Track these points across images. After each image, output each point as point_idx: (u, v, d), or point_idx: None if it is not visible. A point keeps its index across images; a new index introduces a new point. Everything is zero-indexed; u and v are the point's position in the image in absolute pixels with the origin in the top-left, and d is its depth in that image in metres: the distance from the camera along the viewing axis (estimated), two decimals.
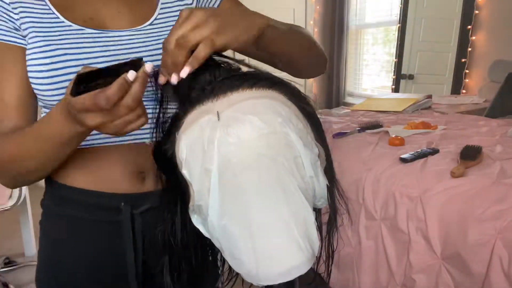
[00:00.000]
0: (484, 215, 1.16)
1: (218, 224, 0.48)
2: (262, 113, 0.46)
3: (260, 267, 0.46)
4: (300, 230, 0.47)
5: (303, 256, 0.47)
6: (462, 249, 1.16)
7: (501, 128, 1.98)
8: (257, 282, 0.48)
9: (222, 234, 0.48)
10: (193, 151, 0.47)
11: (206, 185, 0.47)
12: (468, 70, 3.21)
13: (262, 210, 0.46)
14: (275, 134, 0.46)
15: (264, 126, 0.45)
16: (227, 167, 0.45)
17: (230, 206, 0.47)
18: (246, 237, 0.46)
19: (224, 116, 0.46)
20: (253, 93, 0.49)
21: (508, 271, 1.07)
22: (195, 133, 0.47)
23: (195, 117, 0.48)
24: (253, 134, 0.45)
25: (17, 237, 2.54)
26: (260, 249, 0.46)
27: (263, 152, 0.45)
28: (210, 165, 0.46)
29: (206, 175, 0.47)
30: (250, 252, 0.47)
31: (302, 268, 0.47)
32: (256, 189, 0.46)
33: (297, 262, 0.46)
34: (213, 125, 0.46)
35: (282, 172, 0.46)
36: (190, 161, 0.48)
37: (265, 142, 0.45)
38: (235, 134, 0.45)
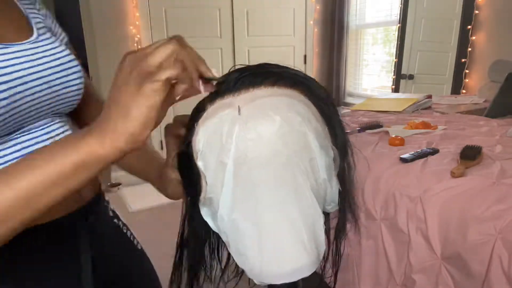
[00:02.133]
0: (484, 215, 1.16)
1: (228, 218, 0.48)
2: (282, 111, 0.46)
3: (264, 265, 0.47)
4: (308, 232, 0.47)
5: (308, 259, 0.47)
6: (462, 249, 1.16)
7: (501, 128, 1.98)
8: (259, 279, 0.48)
9: (230, 228, 0.48)
10: (210, 143, 0.48)
11: (220, 178, 0.47)
12: (468, 70, 3.21)
13: (272, 208, 0.46)
14: (294, 133, 0.46)
15: (284, 124, 0.46)
16: (243, 162, 0.46)
17: (241, 201, 0.47)
18: (254, 234, 0.46)
19: (245, 111, 0.46)
20: (275, 90, 0.49)
21: (508, 271, 1.07)
22: (214, 126, 0.47)
23: (216, 110, 0.48)
24: (272, 131, 0.45)
25: None
26: (266, 247, 0.46)
27: (280, 150, 0.46)
28: (226, 158, 0.46)
29: (221, 168, 0.47)
30: (256, 249, 0.47)
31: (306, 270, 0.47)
32: (269, 186, 0.46)
33: (301, 264, 0.46)
34: (233, 119, 0.46)
35: (297, 172, 0.46)
36: (206, 152, 0.48)
37: (283, 140, 0.46)
38: (254, 130, 0.45)
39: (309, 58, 4.25)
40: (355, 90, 4.41)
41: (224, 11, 3.67)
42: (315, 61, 4.34)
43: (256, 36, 3.80)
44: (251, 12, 3.75)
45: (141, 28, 3.39)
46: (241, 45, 3.77)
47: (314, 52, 4.29)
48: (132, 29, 3.39)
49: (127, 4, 3.35)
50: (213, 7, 3.62)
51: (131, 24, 3.39)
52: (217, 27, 3.67)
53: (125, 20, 3.38)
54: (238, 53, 3.75)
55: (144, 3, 3.37)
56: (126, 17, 3.37)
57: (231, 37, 3.73)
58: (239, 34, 3.75)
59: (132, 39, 3.40)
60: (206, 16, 3.62)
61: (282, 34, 3.94)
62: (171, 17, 3.48)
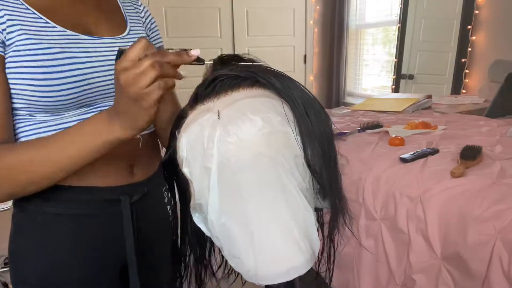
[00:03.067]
0: (484, 215, 1.16)
1: (218, 222, 0.48)
2: (262, 112, 0.46)
3: (259, 267, 0.47)
4: (299, 230, 0.47)
5: (303, 257, 0.47)
6: (462, 249, 1.16)
7: (501, 128, 1.98)
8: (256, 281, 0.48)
9: (221, 232, 0.48)
10: (193, 150, 0.48)
11: (205, 183, 0.47)
12: (468, 70, 3.21)
13: (260, 209, 0.46)
14: (275, 133, 0.46)
15: (264, 125, 0.45)
16: (226, 166, 0.46)
17: (229, 204, 0.47)
18: (245, 236, 0.46)
19: (224, 115, 0.46)
20: (253, 92, 0.49)
21: (508, 271, 1.07)
22: (196, 132, 0.47)
23: (196, 116, 0.49)
24: (253, 133, 0.45)
25: None
26: (259, 249, 0.46)
27: (262, 152, 0.45)
28: (210, 163, 0.46)
29: (206, 174, 0.47)
30: (249, 252, 0.47)
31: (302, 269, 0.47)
32: (254, 188, 0.46)
33: (296, 263, 0.46)
34: (213, 124, 0.46)
35: (282, 172, 0.46)
36: (190, 159, 0.48)
37: (264, 141, 0.45)
38: (235, 133, 0.45)
39: (309, 58, 4.25)
40: (355, 90, 4.41)
41: (224, 11, 3.67)
42: (315, 61, 4.34)
43: (256, 36, 3.80)
44: (251, 12, 3.75)
45: None
46: (241, 45, 3.77)
47: (314, 52, 4.29)
48: None
49: None
50: (213, 7, 3.62)
51: None
52: (217, 27, 3.67)
53: None
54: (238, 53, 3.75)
55: (144, 3, 3.37)
56: None
57: (231, 37, 3.73)
58: (239, 34, 3.75)
59: None
60: (206, 16, 3.62)
61: (282, 34, 3.95)
62: (171, 17, 3.48)
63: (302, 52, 4.18)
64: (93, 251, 0.71)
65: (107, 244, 0.72)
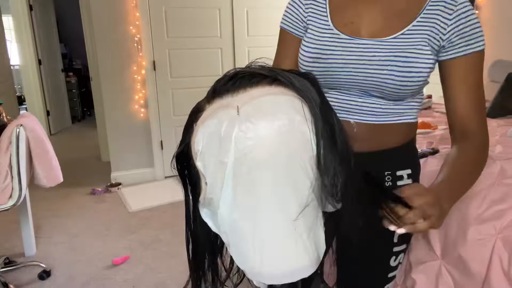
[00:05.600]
0: (484, 215, 1.16)
1: (229, 218, 0.48)
2: (282, 110, 0.46)
3: (264, 265, 0.46)
4: (307, 232, 0.47)
5: (308, 260, 0.47)
6: (462, 249, 1.16)
7: (501, 128, 1.98)
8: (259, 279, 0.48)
9: (231, 228, 0.48)
10: (209, 144, 0.47)
11: (219, 178, 0.47)
12: None
13: (273, 208, 0.46)
14: (293, 132, 0.46)
15: (283, 123, 0.45)
16: (242, 162, 0.45)
17: (242, 201, 0.46)
18: (254, 234, 0.46)
19: (243, 111, 0.46)
20: (273, 89, 0.48)
21: (508, 271, 1.07)
22: (213, 126, 0.47)
23: (214, 110, 0.48)
24: (271, 131, 0.45)
25: (17, 237, 2.54)
26: (267, 247, 0.46)
27: (279, 150, 0.45)
28: (226, 158, 0.46)
29: (220, 168, 0.46)
30: (256, 249, 0.47)
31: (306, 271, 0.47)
32: (269, 186, 0.46)
33: (301, 265, 0.46)
34: (232, 119, 0.46)
35: (297, 172, 0.46)
36: (205, 153, 0.48)
37: (283, 139, 0.45)
38: (253, 130, 0.45)
39: None
40: None
41: (224, 11, 3.66)
42: None
43: (256, 36, 3.80)
44: (251, 12, 3.75)
45: (141, 28, 3.39)
46: (241, 45, 3.77)
47: None
48: (132, 29, 3.39)
49: (127, 4, 3.35)
50: (213, 7, 3.62)
51: (131, 24, 3.39)
52: (217, 27, 3.67)
53: (125, 20, 3.38)
54: (238, 53, 3.75)
55: (144, 3, 3.37)
56: (126, 17, 3.37)
57: (231, 37, 3.73)
58: (239, 34, 3.75)
59: (132, 39, 3.40)
60: (206, 16, 3.61)
61: None
62: (171, 17, 3.48)
63: None
64: None
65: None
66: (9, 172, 1.95)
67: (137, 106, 3.56)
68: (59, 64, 6.17)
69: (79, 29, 4.36)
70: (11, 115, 2.51)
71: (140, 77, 3.49)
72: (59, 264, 2.32)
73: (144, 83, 3.51)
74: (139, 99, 3.55)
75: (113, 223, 2.87)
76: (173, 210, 3.02)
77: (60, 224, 2.84)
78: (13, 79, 4.81)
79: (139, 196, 3.34)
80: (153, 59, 3.50)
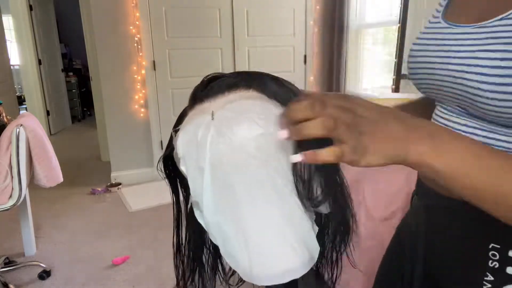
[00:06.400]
0: None
1: (212, 221, 0.48)
2: (255, 113, 0.46)
3: (253, 267, 0.46)
4: (294, 233, 0.46)
5: (298, 260, 0.46)
6: None
7: None
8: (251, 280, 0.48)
9: (217, 231, 0.48)
10: (188, 149, 0.48)
11: (199, 183, 0.47)
12: None
13: (253, 210, 0.46)
14: (269, 136, 0.45)
15: (258, 127, 0.45)
16: (218, 167, 0.46)
17: (222, 204, 0.47)
18: (238, 236, 0.46)
19: (218, 116, 0.46)
20: (249, 94, 0.49)
21: None
22: (191, 131, 0.48)
23: (193, 116, 0.49)
24: (246, 135, 0.45)
25: (17, 237, 2.54)
26: (252, 249, 0.46)
27: (253, 153, 0.45)
28: (203, 163, 0.46)
29: (199, 173, 0.47)
30: (243, 251, 0.47)
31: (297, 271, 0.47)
32: (247, 189, 0.46)
33: (291, 265, 0.46)
34: (207, 125, 0.46)
35: (275, 174, 0.46)
36: (186, 158, 0.48)
37: (257, 143, 0.45)
38: (227, 135, 0.45)
39: (309, 58, 4.25)
40: (355, 90, 4.41)
41: (224, 11, 3.66)
42: (315, 61, 4.33)
43: (256, 36, 3.80)
44: (251, 12, 3.75)
45: (141, 28, 3.39)
46: (241, 45, 3.77)
47: (314, 52, 4.29)
48: (132, 29, 3.39)
49: (127, 4, 3.35)
50: (213, 7, 3.62)
51: (131, 24, 3.39)
52: (217, 27, 3.67)
53: (125, 20, 3.38)
54: (238, 53, 3.75)
55: (144, 3, 3.37)
56: (126, 17, 3.37)
57: (231, 37, 3.73)
58: (239, 34, 3.75)
59: (132, 39, 3.40)
60: (206, 16, 3.61)
61: (282, 34, 3.94)
62: (171, 17, 3.48)
63: (302, 52, 4.18)
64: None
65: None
66: (9, 172, 1.95)
67: (137, 106, 3.56)
68: (59, 64, 6.17)
69: (79, 29, 4.37)
70: (11, 115, 2.51)
71: (140, 77, 3.49)
72: (59, 264, 2.33)
73: (144, 83, 3.52)
74: (139, 99, 3.55)
75: (113, 223, 2.87)
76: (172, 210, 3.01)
77: (60, 224, 2.84)
78: (13, 79, 4.81)
79: (139, 196, 3.34)
80: (153, 59, 3.50)
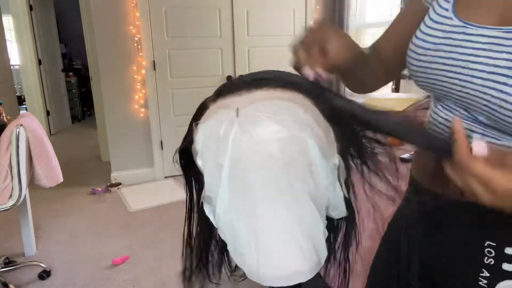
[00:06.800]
0: None
1: (225, 218, 0.48)
2: (281, 115, 0.45)
3: (260, 267, 0.46)
4: (305, 238, 0.46)
5: (306, 264, 0.46)
6: None
7: None
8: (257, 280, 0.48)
9: (227, 228, 0.48)
10: (208, 143, 0.47)
11: (216, 178, 0.47)
12: None
13: (267, 211, 0.46)
14: (291, 139, 0.45)
15: (281, 128, 0.45)
16: (238, 164, 0.45)
17: (237, 202, 0.46)
18: (250, 235, 0.46)
19: (243, 113, 0.45)
20: (276, 93, 0.48)
21: None
22: (213, 126, 0.47)
23: (215, 110, 0.48)
24: (268, 136, 0.44)
25: (17, 237, 2.54)
26: (262, 249, 0.46)
27: (275, 155, 0.45)
28: (222, 160, 0.45)
29: (217, 169, 0.46)
30: (252, 250, 0.47)
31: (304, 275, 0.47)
32: (264, 190, 0.45)
33: (298, 268, 0.46)
34: (231, 121, 0.45)
35: (293, 177, 0.46)
36: (204, 152, 0.48)
37: (279, 145, 0.45)
38: (250, 133, 0.44)
39: None
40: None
41: (224, 11, 3.66)
42: None
43: (256, 36, 3.80)
44: (251, 12, 3.75)
45: (141, 28, 3.39)
46: (241, 45, 3.77)
47: None
48: (132, 29, 3.39)
49: (127, 4, 3.35)
50: (213, 7, 3.62)
51: (131, 24, 3.39)
52: (217, 27, 3.67)
53: (125, 20, 3.38)
54: (238, 53, 3.75)
55: (144, 3, 3.37)
56: (126, 17, 3.37)
57: (231, 37, 3.73)
58: (239, 34, 3.74)
59: (132, 39, 3.40)
60: (206, 16, 3.61)
61: (282, 34, 3.94)
62: (171, 17, 3.48)
63: None
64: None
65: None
66: (9, 172, 1.95)
67: (137, 106, 3.56)
68: (59, 64, 6.17)
69: (79, 29, 4.37)
70: (11, 115, 2.51)
71: (140, 77, 3.49)
72: (59, 264, 2.32)
73: (144, 83, 3.51)
74: (139, 99, 3.55)
75: (113, 223, 2.87)
76: (173, 210, 3.02)
77: (60, 224, 2.84)
78: (13, 79, 4.82)
79: (139, 196, 3.34)
80: (153, 59, 3.50)
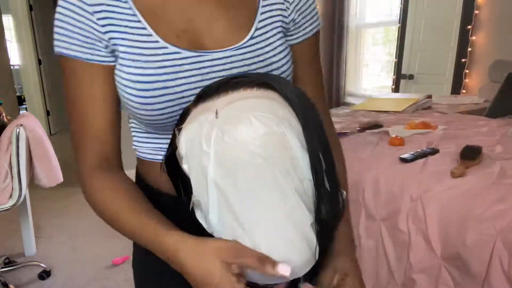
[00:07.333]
0: (484, 215, 1.16)
1: (214, 220, 0.48)
2: (260, 112, 0.46)
3: None
4: (296, 233, 0.47)
5: (299, 259, 0.47)
6: (462, 249, 1.16)
7: (501, 128, 1.98)
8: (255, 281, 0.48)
9: (221, 231, 0.49)
10: (191, 148, 0.48)
11: (203, 182, 0.47)
12: (468, 70, 3.21)
13: (256, 209, 0.46)
14: (271, 135, 0.46)
15: (261, 125, 0.45)
16: (222, 165, 0.46)
17: (225, 203, 0.47)
18: (242, 235, 0.47)
19: (222, 115, 0.46)
20: (254, 92, 0.49)
21: (508, 271, 1.07)
22: (194, 130, 0.48)
23: (196, 114, 0.49)
24: (249, 134, 0.45)
25: (17, 237, 2.54)
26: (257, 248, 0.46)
27: (257, 152, 0.45)
28: (206, 162, 0.46)
29: (202, 172, 0.47)
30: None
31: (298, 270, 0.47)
32: (250, 188, 0.46)
33: (293, 264, 0.46)
34: (211, 123, 0.46)
35: (277, 173, 0.46)
36: (189, 156, 0.48)
37: (260, 142, 0.45)
38: (231, 133, 0.45)
39: None
40: (355, 90, 4.41)
41: None
42: None
43: None
44: None
45: None
46: None
47: None
48: None
49: None
50: None
51: None
52: None
53: None
54: None
55: None
56: None
57: None
58: None
59: None
60: None
61: None
62: None
63: None
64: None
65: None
66: (9, 172, 1.95)
67: None
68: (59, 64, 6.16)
69: None
70: (11, 115, 2.51)
71: None
72: (59, 264, 2.33)
73: None
74: None
75: None
76: None
77: (60, 224, 2.84)
78: (13, 79, 4.81)
79: None
80: None
